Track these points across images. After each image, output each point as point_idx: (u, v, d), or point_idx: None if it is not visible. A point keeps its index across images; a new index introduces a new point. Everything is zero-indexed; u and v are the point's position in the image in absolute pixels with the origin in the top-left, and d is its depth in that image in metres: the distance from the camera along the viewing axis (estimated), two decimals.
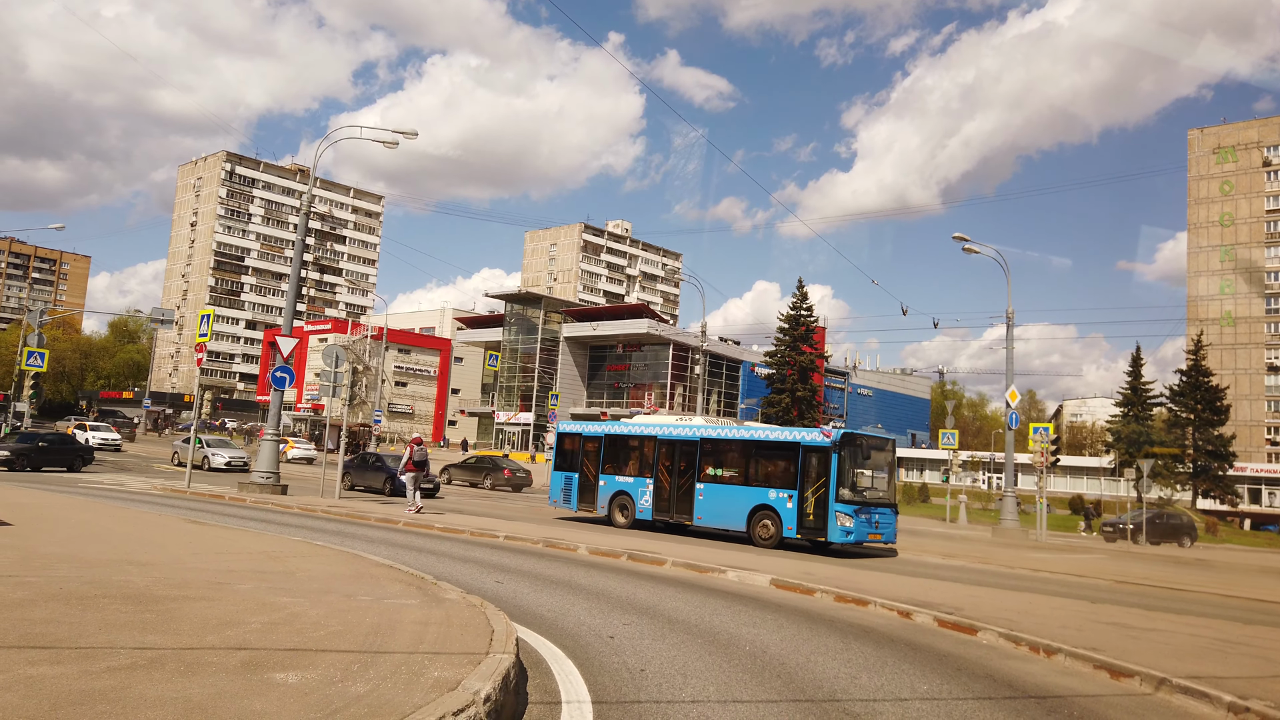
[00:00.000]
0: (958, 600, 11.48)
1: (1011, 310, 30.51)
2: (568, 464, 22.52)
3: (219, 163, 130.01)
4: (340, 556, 11.06)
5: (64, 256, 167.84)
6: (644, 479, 20.82)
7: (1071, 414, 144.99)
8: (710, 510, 19.61)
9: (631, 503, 20.94)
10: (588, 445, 22.19)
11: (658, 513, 20.47)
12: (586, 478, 21.92)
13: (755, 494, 18.89)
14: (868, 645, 8.52)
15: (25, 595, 6.81)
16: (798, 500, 18.15)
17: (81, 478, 27.02)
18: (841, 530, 17.53)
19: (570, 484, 22.26)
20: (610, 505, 21.32)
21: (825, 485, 17.73)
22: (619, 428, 22.68)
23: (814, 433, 18.58)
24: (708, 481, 19.78)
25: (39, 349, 31.05)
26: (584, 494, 21.92)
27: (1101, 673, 8.00)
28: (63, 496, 18.25)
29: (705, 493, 19.68)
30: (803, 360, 65.53)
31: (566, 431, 23.21)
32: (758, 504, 18.78)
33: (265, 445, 23.87)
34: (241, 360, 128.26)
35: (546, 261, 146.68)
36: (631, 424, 22.38)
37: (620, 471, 21.50)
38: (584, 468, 22.04)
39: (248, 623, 6.46)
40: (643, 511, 20.67)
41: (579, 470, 22.10)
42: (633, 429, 22.01)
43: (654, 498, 20.56)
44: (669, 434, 20.69)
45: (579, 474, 22.09)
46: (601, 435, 22.23)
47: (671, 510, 20.23)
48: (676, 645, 7.82)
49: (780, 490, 18.47)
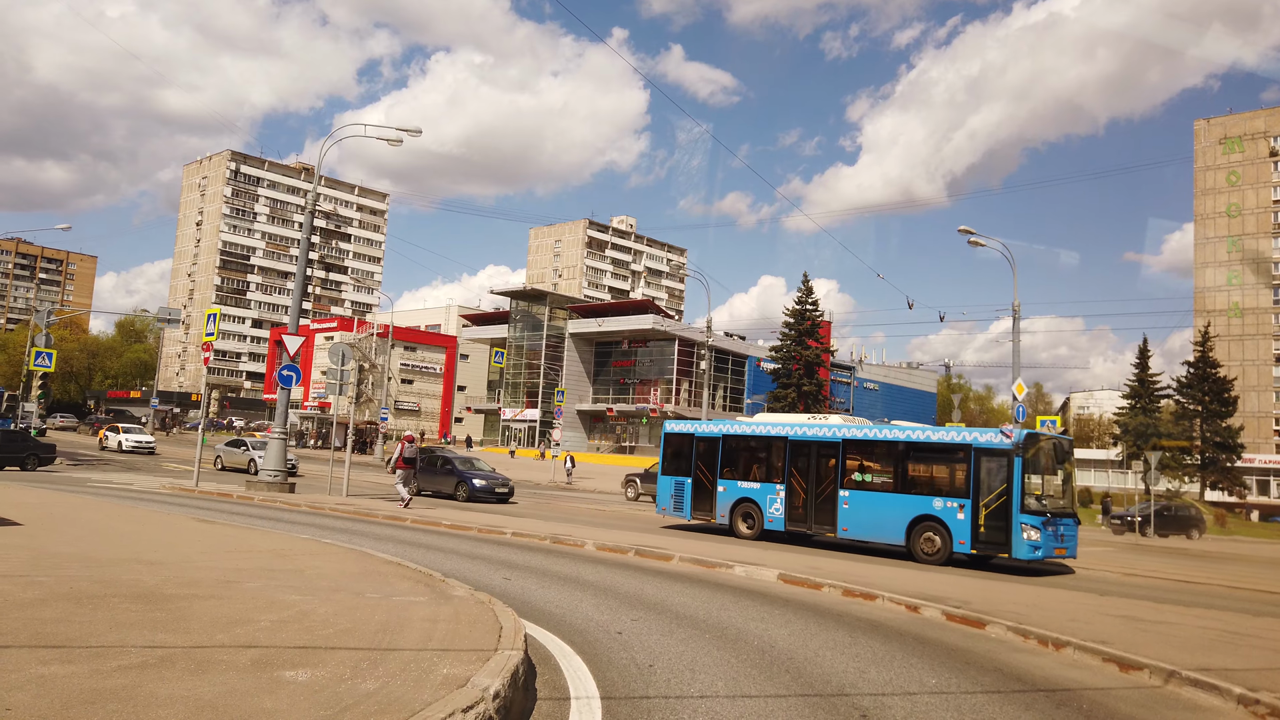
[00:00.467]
0: (966, 594, 11.47)
1: (1018, 303, 30.43)
2: (677, 468, 20.73)
3: (224, 162, 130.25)
4: (348, 554, 11.09)
5: (70, 257, 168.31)
6: (773, 485, 18.91)
7: (1079, 407, 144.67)
8: (858, 521, 17.56)
9: (758, 511, 19.02)
10: (701, 447, 20.31)
11: (792, 523, 18.54)
12: (701, 483, 20.09)
13: (916, 503, 16.82)
14: (876, 639, 8.52)
15: (36, 595, 6.85)
16: (971, 510, 16.07)
17: (91, 476, 27.11)
18: (1029, 545, 15.48)
19: (682, 490, 20.43)
20: (732, 514, 19.45)
21: (1006, 493, 15.74)
22: (740, 427, 20.67)
23: (989, 433, 16.70)
24: (854, 488, 17.72)
25: (47, 349, 31.13)
26: (699, 501, 20.12)
27: (1111, 665, 7.99)
28: (72, 496, 18.32)
29: (851, 501, 17.63)
30: (808, 355, 65.45)
31: (675, 432, 21.39)
32: (920, 514, 16.72)
33: (273, 444, 23.93)
34: (248, 359, 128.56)
35: (551, 258, 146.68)
36: (754, 423, 20.51)
37: (742, 476, 19.66)
38: (698, 472, 20.22)
39: (257, 621, 6.48)
40: (772, 521, 18.78)
41: (692, 475, 20.28)
42: (757, 429, 20.06)
43: (786, 506, 18.64)
44: (803, 434, 18.75)
45: (692, 479, 20.25)
46: (718, 436, 20.25)
47: (809, 520, 18.30)
48: (685, 640, 7.83)
49: (948, 499, 16.44)
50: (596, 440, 77.66)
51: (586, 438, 77.47)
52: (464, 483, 25.84)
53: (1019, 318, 30.37)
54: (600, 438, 77.87)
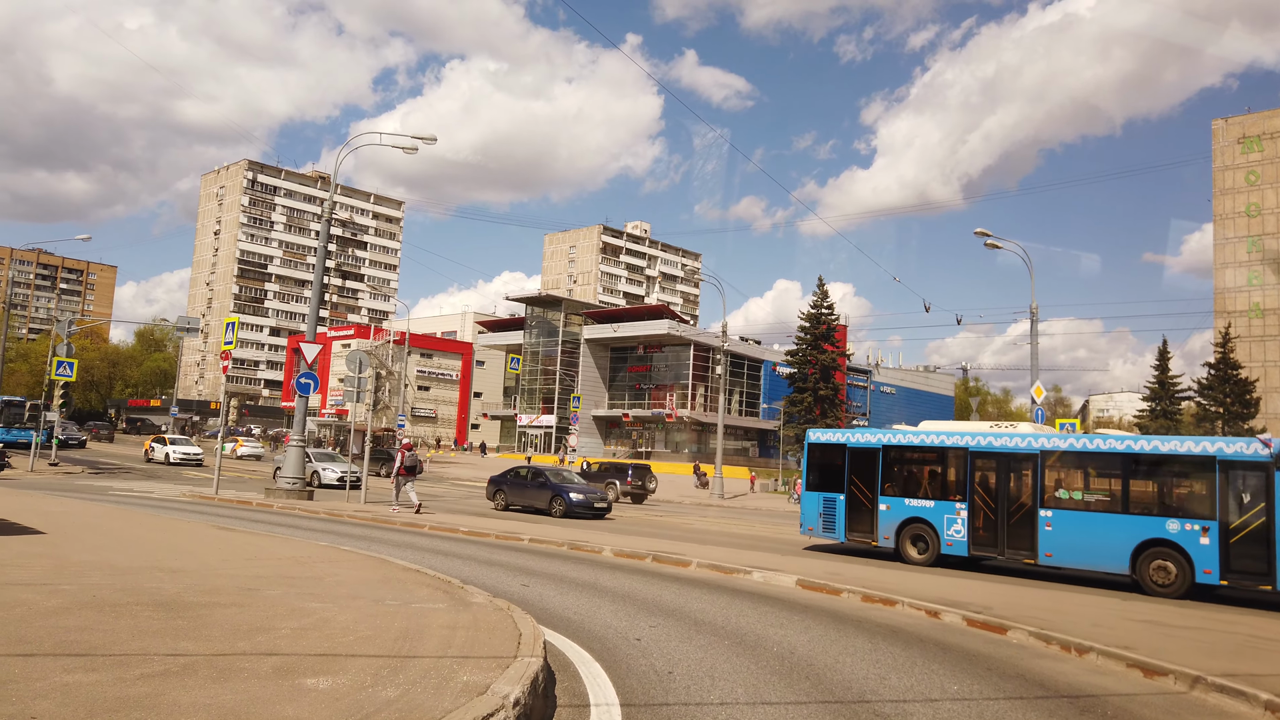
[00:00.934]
0: (987, 599, 11.39)
1: (1035, 305, 30.24)
2: (826, 482, 18.39)
3: (241, 171, 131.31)
4: (367, 561, 11.12)
5: (91, 267, 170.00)
6: (951, 503, 16.62)
7: (1099, 409, 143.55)
8: (1066, 545, 15.26)
9: (933, 533, 16.71)
10: (856, 459, 17.98)
11: (978, 546, 16.27)
12: (858, 500, 17.77)
13: (1143, 525, 14.62)
14: (896, 645, 8.47)
15: (59, 603, 6.90)
16: (1218, 534, 13.87)
17: (112, 484, 27.33)
18: None
19: (833, 508, 18.06)
20: (899, 536, 17.11)
21: (1266, 514, 13.51)
22: (904, 436, 18.44)
23: (1239, 442, 14.38)
24: (1058, 507, 15.42)
25: (68, 359, 31.43)
26: (855, 520, 17.78)
27: (1135, 671, 7.91)
28: (93, 504, 18.47)
29: (1056, 522, 15.32)
30: (824, 359, 65.21)
31: (822, 442, 19.06)
32: (1149, 538, 14.52)
33: (291, 452, 24.07)
34: (266, 367, 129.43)
35: (566, 264, 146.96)
36: (924, 432, 18.27)
37: (910, 492, 17.38)
38: (853, 487, 17.90)
39: (278, 628, 6.51)
40: (952, 545, 16.46)
41: (845, 490, 17.93)
42: (927, 438, 17.79)
43: (969, 527, 16.34)
44: (988, 444, 16.51)
45: (846, 495, 17.90)
46: (877, 447, 17.89)
47: (1001, 544, 15.96)
48: (703, 647, 7.81)
49: (1186, 520, 14.22)
50: (613, 446, 77.66)
51: (603, 443, 77.50)
52: (559, 497, 24.41)
53: (1037, 320, 30.17)
54: (616, 443, 77.88)
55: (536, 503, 25.08)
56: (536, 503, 25.08)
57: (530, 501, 25.28)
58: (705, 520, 27.37)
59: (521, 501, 25.53)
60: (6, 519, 12.93)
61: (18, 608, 6.60)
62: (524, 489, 25.75)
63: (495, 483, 26.70)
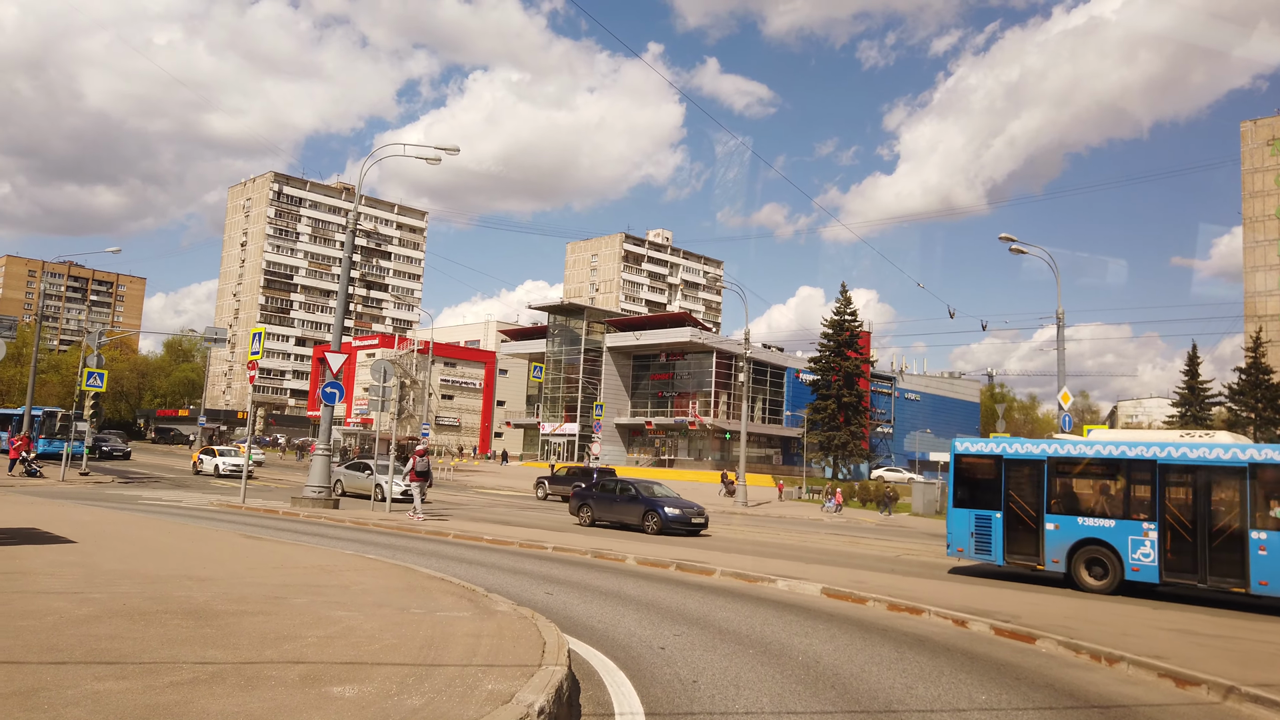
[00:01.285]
0: (1015, 608, 11.27)
1: (1062, 310, 29.95)
2: (977, 497, 16.49)
3: (267, 183, 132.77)
4: (392, 569, 11.18)
5: (120, 279, 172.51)
6: (1136, 522, 14.81)
7: (1127, 415, 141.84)
8: None
9: (1115, 557, 14.84)
10: (1016, 471, 16.05)
11: (1172, 572, 14.37)
12: (1019, 518, 15.85)
13: None
14: (923, 654, 8.40)
15: (90, 611, 6.99)
16: None
17: (141, 494, 27.63)
18: None
19: (989, 526, 16.09)
20: (1071, 559, 15.18)
21: None
22: (1074, 446, 16.16)
23: None
24: (1275, 529, 13.51)
25: (98, 370, 31.87)
26: (1015, 540, 15.85)
27: (1166, 681, 7.80)
28: (123, 513, 18.69)
29: (1272, 546, 13.46)
30: (848, 366, 64.99)
31: (972, 452, 17.04)
32: None
33: (317, 460, 24.24)
34: (292, 376, 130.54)
35: (588, 272, 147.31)
36: (1097, 442, 16.17)
37: (1084, 510, 15.49)
38: (1010, 503, 15.96)
39: (304, 637, 6.55)
40: (1139, 570, 14.58)
41: (1002, 508, 16.00)
42: (1102, 449, 15.69)
43: (1160, 550, 14.49)
44: (1181, 456, 14.63)
45: (1003, 513, 15.98)
46: (1042, 458, 15.90)
47: (1202, 570, 14.10)
48: (728, 656, 7.78)
49: None
50: (636, 454, 77.63)
51: (626, 451, 77.48)
52: (654, 512, 22.66)
53: (1063, 325, 29.90)
54: (639, 451, 77.84)
55: (627, 518, 23.36)
56: (627, 518, 23.36)
57: (620, 517, 23.55)
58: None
59: (610, 517, 23.84)
60: (39, 528, 13.11)
61: (50, 616, 6.69)
62: (612, 503, 24.09)
63: (581, 496, 25.21)
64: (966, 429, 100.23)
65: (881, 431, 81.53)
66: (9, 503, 18.87)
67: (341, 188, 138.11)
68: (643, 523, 22.87)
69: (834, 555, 19.51)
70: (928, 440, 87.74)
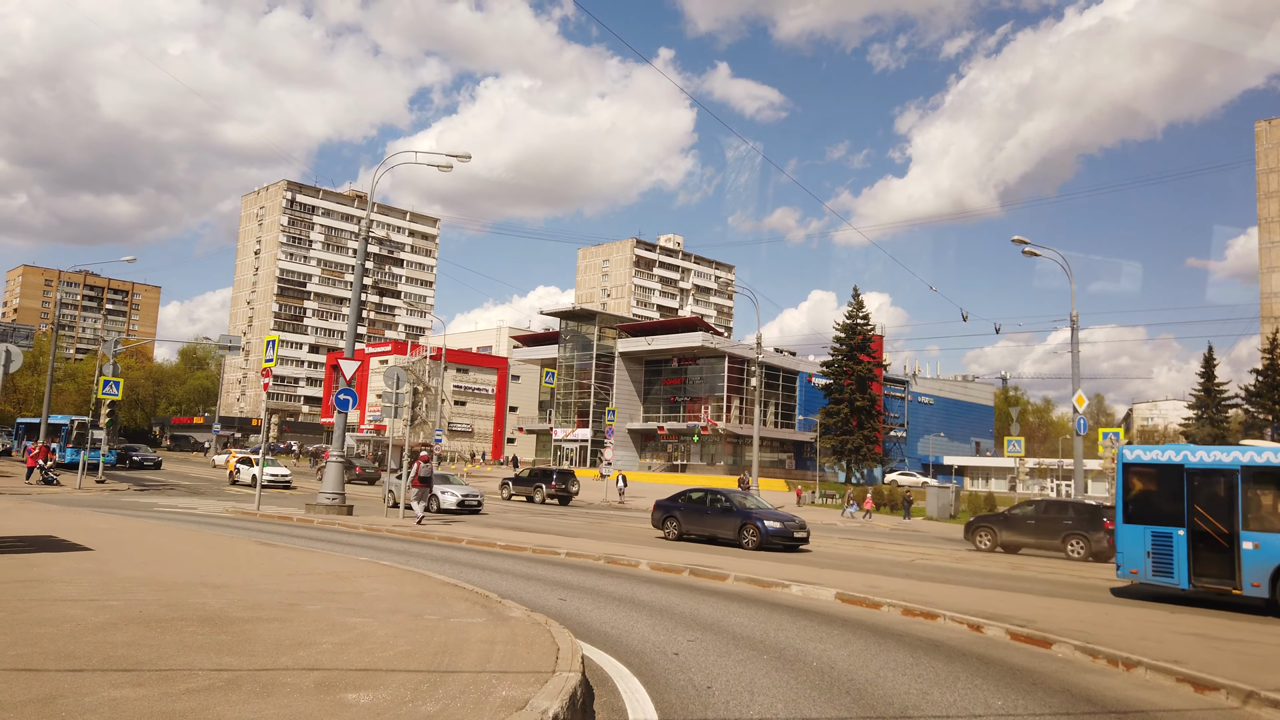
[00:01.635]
0: (1030, 612, 11.20)
1: (1075, 313, 29.80)
2: (1154, 513, 14.74)
3: (280, 192, 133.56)
4: (406, 576, 11.20)
5: (136, 288, 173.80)
6: None
7: (1143, 417, 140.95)
8: None
9: None
10: (1202, 483, 14.24)
11: None
12: (1207, 536, 13.99)
13: None
14: (938, 660, 8.36)
15: (107, 619, 7.03)
16: None
17: (157, 501, 27.79)
18: None
19: (1169, 545, 14.32)
20: (1276, 583, 13.21)
21: None
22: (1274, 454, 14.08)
23: None
24: None
25: (114, 378, 32.08)
26: (1205, 562, 13.98)
27: (1185, 686, 7.73)
28: (139, 521, 18.80)
29: None
30: (860, 370, 64.79)
31: (1147, 461, 15.39)
32: None
33: (331, 467, 24.33)
34: (306, 384, 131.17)
35: (600, 278, 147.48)
36: None
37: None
38: (1195, 519, 14.13)
39: (319, 643, 6.57)
40: None
41: (1186, 524, 14.16)
42: None
43: None
44: None
45: (1187, 530, 14.14)
46: (1235, 467, 13.91)
47: None
48: (742, 661, 7.76)
49: None
50: (648, 459, 77.60)
51: (638, 456, 77.46)
52: (753, 525, 20.81)
53: (1077, 328, 29.75)
54: (652, 456, 77.80)
55: (720, 532, 21.51)
56: (720, 532, 21.51)
57: (713, 531, 21.74)
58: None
59: (700, 530, 22.06)
60: (56, 535, 13.21)
61: (67, 623, 6.74)
62: (702, 516, 22.22)
63: (665, 508, 23.23)
64: (980, 432, 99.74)
65: (895, 435, 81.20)
66: (27, 510, 19.01)
67: (354, 195, 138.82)
68: (739, 537, 21.01)
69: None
70: (941, 444, 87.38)
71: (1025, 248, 29.10)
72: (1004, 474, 78.08)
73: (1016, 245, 29.09)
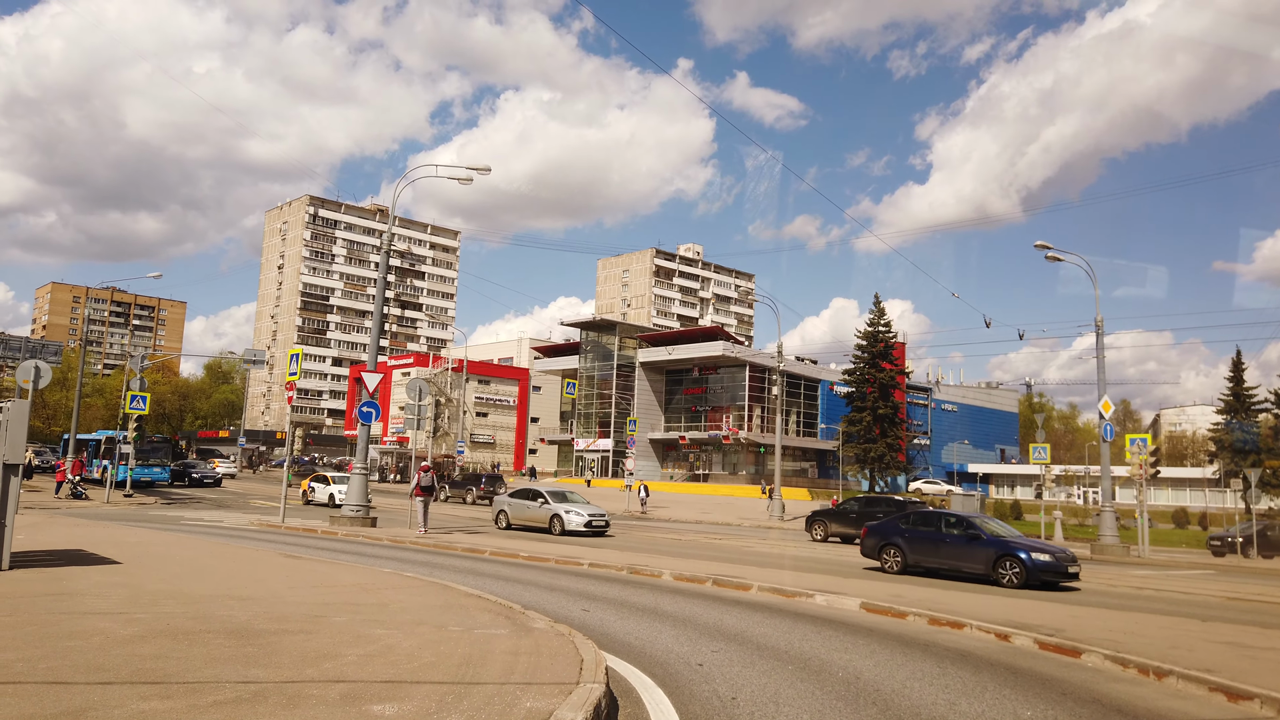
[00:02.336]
0: (1058, 621, 11.07)
1: (1100, 318, 29.51)
2: None
3: (303, 206, 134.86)
4: (430, 587, 11.23)
5: (162, 303, 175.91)
6: None
7: (1170, 423, 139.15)
8: None
9: None
10: None
11: None
12: None
13: None
14: (965, 670, 8.27)
15: (135, 631, 7.09)
16: None
17: (184, 514, 28.02)
18: None
19: None
20: None
21: None
22: None
23: None
24: None
25: (141, 393, 32.44)
26: None
27: (1218, 695, 7.61)
28: (166, 534, 18.97)
29: None
30: (883, 377, 64.42)
31: None
32: None
33: (355, 479, 24.47)
34: (329, 396, 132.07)
35: (620, 288, 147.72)
36: None
37: None
38: None
39: (344, 655, 6.60)
40: None
41: None
42: None
43: None
44: None
45: None
46: None
47: None
48: (767, 672, 7.71)
49: None
50: (670, 469, 77.49)
51: (660, 466, 77.37)
52: (1011, 557, 16.77)
53: (1102, 333, 29.45)
54: (673, 466, 77.70)
55: (967, 564, 17.45)
56: (967, 564, 17.45)
57: (955, 562, 17.69)
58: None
59: (935, 562, 18.00)
60: (85, 549, 13.35)
61: (96, 636, 6.81)
62: (938, 543, 18.11)
63: (883, 532, 19.15)
64: (1005, 439, 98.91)
65: (918, 443, 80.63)
66: (56, 524, 19.24)
67: (375, 209, 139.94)
68: (993, 571, 16.91)
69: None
70: (966, 451, 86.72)
71: (1048, 253, 28.88)
72: (1030, 481, 77.34)
73: (1039, 251, 28.88)
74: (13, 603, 8.22)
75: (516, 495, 27.81)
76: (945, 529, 18.41)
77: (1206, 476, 68.64)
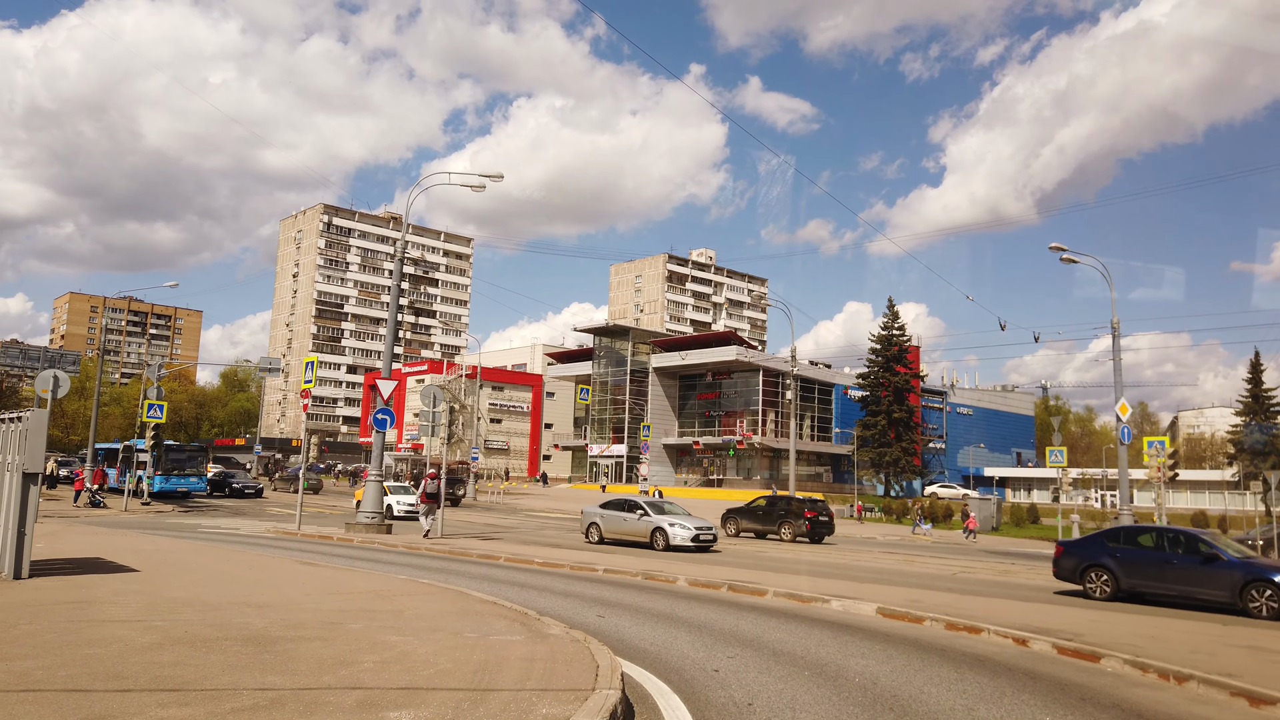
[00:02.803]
0: (1076, 626, 10.99)
1: (1116, 320, 29.31)
2: None
3: (317, 215, 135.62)
4: (445, 594, 11.25)
5: (178, 312, 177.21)
6: None
7: (1188, 425, 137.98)
8: None
9: None
10: None
11: None
12: None
13: None
14: (983, 675, 8.22)
15: (153, 639, 7.13)
16: None
17: (201, 522, 28.19)
18: None
19: None
20: None
21: None
22: None
23: None
24: None
25: (158, 401, 32.67)
26: None
27: (1240, 700, 7.54)
28: (183, 542, 19.08)
29: None
30: (897, 381, 64.26)
31: None
32: None
33: (370, 486, 24.55)
34: (344, 404, 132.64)
35: (632, 293, 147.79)
36: None
37: None
38: None
39: (361, 662, 6.62)
40: None
41: None
42: None
43: None
44: None
45: None
46: None
47: None
48: (783, 678, 7.69)
49: None
50: (684, 474, 77.39)
51: (674, 471, 77.28)
52: (1264, 583, 13.87)
53: (1119, 335, 29.24)
54: (687, 471, 77.59)
55: (1202, 592, 14.58)
56: (1202, 592, 14.58)
57: (1184, 589, 14.82)
58: None
59: (1158, 589, 15.13)
60: (104, 557, 13.45)
61: (115, 644, 6.85)
62: (1162, 566, 15.18)
63: (1087, 549, 16.30)
64: (1021, 443, 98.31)
65: (933, 447, 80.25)
66: (74, 533, 19.39)
67: (389, 217, 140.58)
68: (1240, 600, 14.01)
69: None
70: (981, 455, 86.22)
71: (1063, 255, 28.71)
72: (1046, 485, 76.81)
73: (1054, 253, 28.71)
74: (33, 610, 8.29)
75: (609, 506, 25.29)
76: (1171, 548, 15.37)
77: (1226, 479, 68.03)
